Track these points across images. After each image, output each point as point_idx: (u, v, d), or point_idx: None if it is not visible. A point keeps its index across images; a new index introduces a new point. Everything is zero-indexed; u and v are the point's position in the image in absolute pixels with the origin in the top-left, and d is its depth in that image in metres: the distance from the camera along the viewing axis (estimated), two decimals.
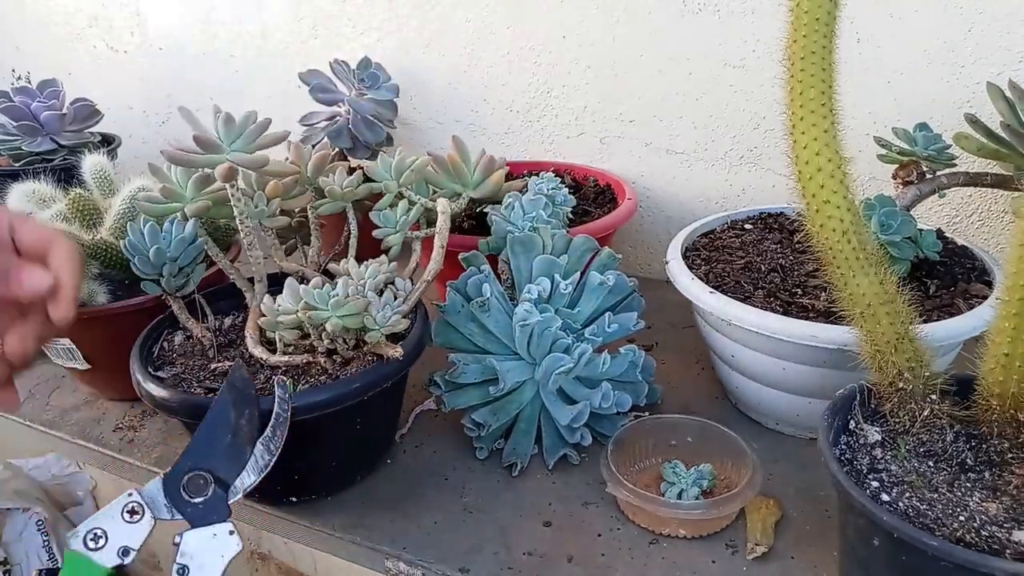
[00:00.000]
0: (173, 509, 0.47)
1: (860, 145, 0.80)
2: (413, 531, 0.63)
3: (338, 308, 0.58)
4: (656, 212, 1.04)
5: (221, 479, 0.48)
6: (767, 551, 0.58)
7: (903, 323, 0.49)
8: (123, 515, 0.46)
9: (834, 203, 0.48)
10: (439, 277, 0.69)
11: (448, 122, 1.14)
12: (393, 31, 1.11)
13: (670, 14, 0.92)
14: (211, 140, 0.60)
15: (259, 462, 0.50)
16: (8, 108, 0.98)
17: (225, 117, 0.61)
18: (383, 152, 0.86)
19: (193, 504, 0.47)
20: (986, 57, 0.79)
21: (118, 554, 0.45)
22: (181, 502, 0.47)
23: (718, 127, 0.95)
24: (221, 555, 0.47)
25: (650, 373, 0.73)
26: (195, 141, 0.59)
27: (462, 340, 0.70)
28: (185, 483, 0.47)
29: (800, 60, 0.47)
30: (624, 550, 0.60)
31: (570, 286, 0.67)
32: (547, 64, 1.02)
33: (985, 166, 0.76)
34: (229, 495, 0.49)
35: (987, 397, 0.47)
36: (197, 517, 0.47)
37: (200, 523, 0.47)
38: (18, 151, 0.98)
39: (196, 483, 0.48)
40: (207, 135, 0.60)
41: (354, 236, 0.73)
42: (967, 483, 0.47)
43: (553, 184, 0.82)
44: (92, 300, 0.72)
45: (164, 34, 1.32)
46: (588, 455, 0.70)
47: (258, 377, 0.63)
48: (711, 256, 0.76)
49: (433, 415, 0.77)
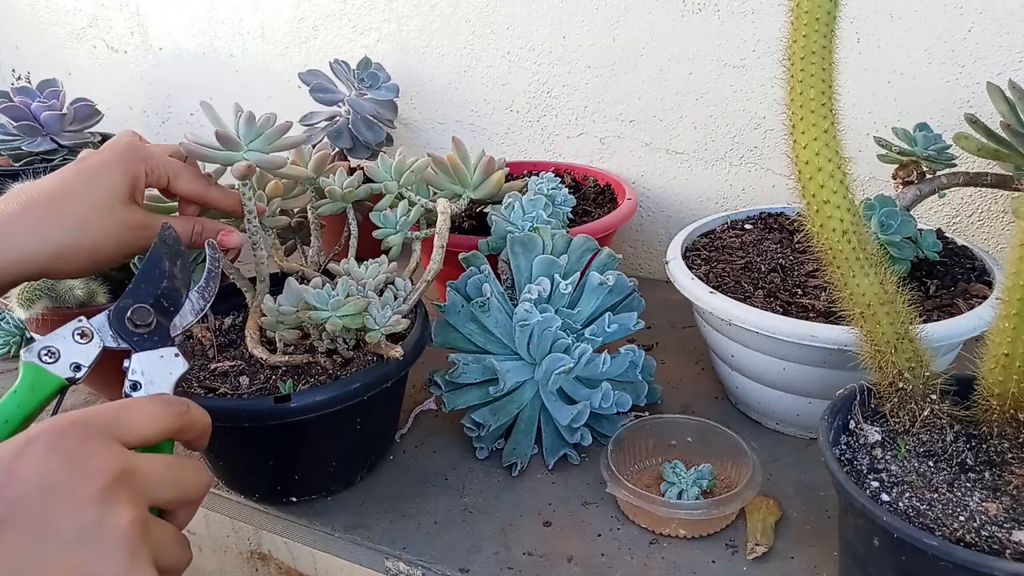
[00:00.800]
0: (119, 338, 0.50)
1: (860, 145, 0.80)
2: (413, 531, 0.63)
3: (338, 308, 0.58)
4: (656, 212, 1.04)
5: (161, 315, 0.52)
6: (767, 551, 0.58)
7: (903, 323, 0.49)
8: (74, 336, 0.49)
9: (834, 203, 0.48)
10: (439, 277, 0.69)
11: (448, 122, 1.14)
12: (393, 31, 1.11)
13: (670, 14, 0.92)
14: (231, 137, 0.60)
15: (195, 306, 0.53)
16: (8, 108, 0.98)
17: (247, 116, 0.61)
18: (383, 152, 0.86)
19: (138, 333, 0.50)
20: (986, 57, 0.79)
21: (70, 368, 0.48)
22: (126, 332, 0.50)
23: (718, 127, 0.95)
24: (170, 372, 0.50)
25: (650, 373, 0.73)
26: (216, 137, 0.59)
27: (462, 340, 0.70)
28: (129, 315, 0.50)
29: (800, 60, 0.47)
30: (624, 550, 0.60)
31: (570, 286, 0.67)
32: (547, 64, 1.02)
33: (985, 166, 0.76)
34: (170, 330, 0.52)
35: (987, 397, 0.47)
36: (142, 343, 0.50)
37: (146, 348, 0.50)
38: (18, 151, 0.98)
39: (139, 313, 0.51)
40: (228, 131, 0.60)
41: (354, 236, 0.73)
42: (967, 483, 0.47)
43: (553, 184, 0.82)
44: (92, 300, 0.72)
45: (164, 34, 1.32)
46: (588, 455, 0.70)
47: (258, 377, 0.63)
48: (711, 256, 0.76)
49: (433, 415, 0.77)
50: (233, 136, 0.60)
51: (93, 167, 0.57)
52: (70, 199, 0.56)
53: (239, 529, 0.81)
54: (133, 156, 0.59)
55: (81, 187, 0.56)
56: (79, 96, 1.04)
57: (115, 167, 0.58)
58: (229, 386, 0.62)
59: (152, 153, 0.60)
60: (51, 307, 0.69)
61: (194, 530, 0.86)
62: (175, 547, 0.39)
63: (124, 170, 0.58)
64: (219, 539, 0.84)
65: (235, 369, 0.64)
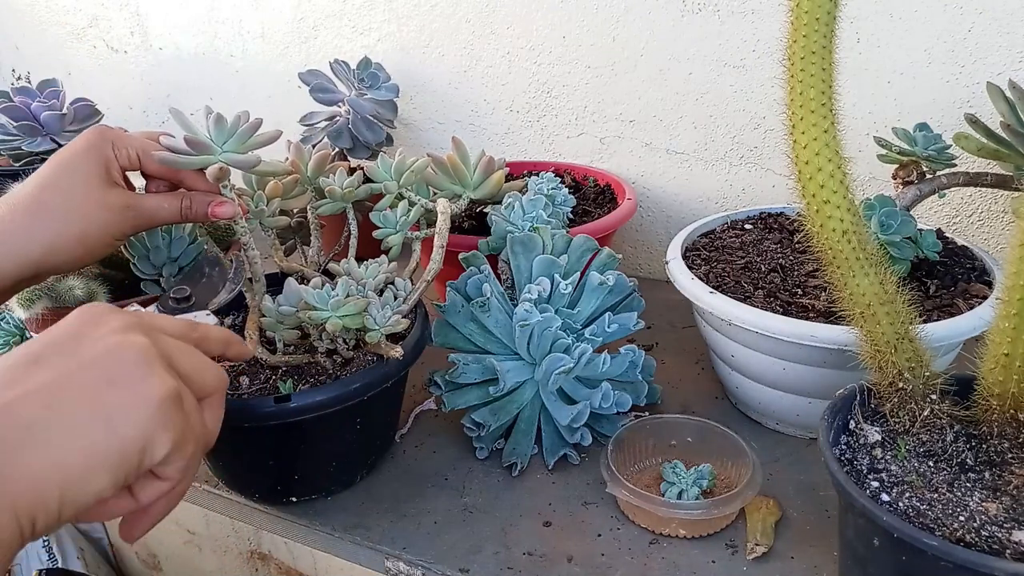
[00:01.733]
0: None
1: (860, 145, 0.80)
2: (413, 531, 0.63)
3: (338, 308, 0.58)
4: (656, 212, 1.04)
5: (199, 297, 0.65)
6: (767, 551, 0.58)
7: (903, 323, 0.49)
8: None
9: (834, 203, 0.48)
10: (439, 277, 0.69)
11: (448, 122, 1.14)
12: (393, 31, 1.11)
13: (670, 14, 0.92)
14: (201, 141, 0.60)
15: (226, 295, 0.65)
16: (8, 108, 0.98)
17: (216, 117, 0.60)
18: (383, 152, 0.86)
19: (180, 309, 0.63)
20: (986, 57, 0.79)
21: None
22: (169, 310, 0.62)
23: (718, 127, 0.95)
24: None
25: (650, 373, 0.73)
26: (186, 142, 0.59)
27: (462, 340, 0.70)
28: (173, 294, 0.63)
29: (800, 60, 0.47)
30: (624, 550, 0.60)
31: (570, 286, 0.67)
32: (547, 64, 1.02)
33: (985, 166, 0.76)
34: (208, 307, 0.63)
35: (987, 397, 0.47)
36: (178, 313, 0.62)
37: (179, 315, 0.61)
38: (18, 151, 0.98)
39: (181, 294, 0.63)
40: (197, 136, 0.60)
41: (354, 236, 0.73)
42: (967, 483, 0.47)
43: (553, 184, 0.82)
44: (93, 300, 0.72)
45: (164, 34, 1.32)
46: (588, 455, 0.70)
47: (258, 377, 0.63)
48: (711, 256, 0.76)
49: (433, 415, 0.77)
50: (204, 140, 0.60)
51: (67, 158, 0.59)
52: (51, 191, 0.57)
53: (239, 529, 0.81)
54: (101, 140, 0.60)
55: (59, 178, 0.58)
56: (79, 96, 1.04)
57: (86, 153, 0.59)
58: (229, 386, 0.62)
59: (119, 135, 0.61)
60: (51, 307, 0.69)
61: (194, 530, 0.86)
62: (204, 372, 0.44)
63: (95, 155, 0.59)
64: (219, 539, 0.84)
65: (235, 369, 0.64)
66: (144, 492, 0.41)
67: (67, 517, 0.36)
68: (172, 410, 0.39)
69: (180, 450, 0.40)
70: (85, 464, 0.36)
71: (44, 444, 0.35)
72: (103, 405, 0.37)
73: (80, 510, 0.36)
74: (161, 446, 0.38)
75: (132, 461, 0.37)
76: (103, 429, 0.37)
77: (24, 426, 0.35)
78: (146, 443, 0.38)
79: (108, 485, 0.37)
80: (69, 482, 0.35)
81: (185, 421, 0.40)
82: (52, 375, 0.37)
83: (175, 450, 0.39)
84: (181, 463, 0.41)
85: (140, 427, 0.37)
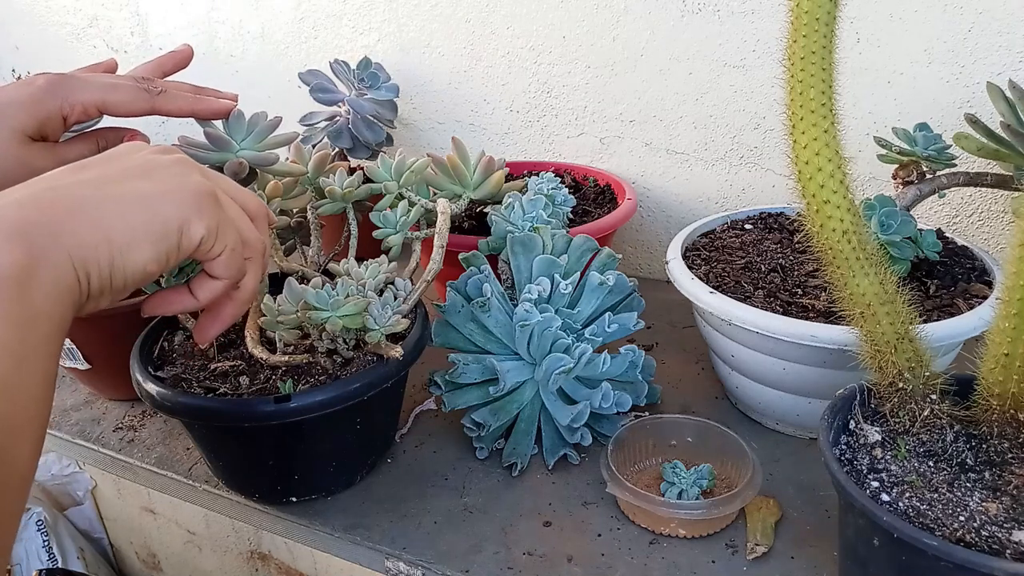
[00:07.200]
0: None
1: (860, 145, 0.80)
2: (413, 531, 0.63)
3: (338, 308, 0.58)
4: (656, 212, 1.04)
5: None
6: (767, 551, 0.58)
7: (903, 323, 0.49)
8: None
9: (834, 203, 0.48)
10: (439, 277, 0.69)
11: (448, 122, 1.14)
12: (393, 31, 1.11)
13: (670, 14, 0.92)
14: (223, 137, 0.61)
15: None
16: None
17: (236, 114, 0.61)
18: (383, 152, 0.86)
19: None
20: (986, 57, 0.79)
21: None
22: None
23: (718, 127, 0.95)
24: None
25: (650, 373, 0.73)
26: (207, 137, 0.60)
27: (462, 340, 0.70)
28: None
29: (800, 60, 0.47)
30: (624, 550, 0.60)
31: (570, 286, 0.67)
32: (547, 64, 1.02)
33: (985, 166, 0.76)
34: None
35: (987, 397, 0.47)
36: None
37: None
38: None
39: None
40: (219, 132, 0.61)
41: (354, 236, 0.73)
42: (967, 483, 0.47)
43: (553, 184, 0.82)
44: None
45: (164, 34, 1.32)
46: (588, 455, 0.70)
47: (258, 377, 0.63)
48: (711, 256, 0.76)
49: (433, 415, 0.77)
50: (224, 136, 0.61)
51: (3, 105, 0.56)
52: None
53: (239, 529, 0.81)
54: (47, 94, 0.57)
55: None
56: None
57: (21, 105, 0.56)
58: (229, 386, 0.62)
59: (75, 87, 0.58)
60: None
61: (194, 530, 0.86)
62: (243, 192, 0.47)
63: (32, 109, 0.56)
64: (219, 539, 0.84)
65: (235, 369, 0.64)
66: (201, 291, 0.45)
67: (118, 284, 0.39)
68: (207, 202, 0.42)
69: (219, 239, 0.43)
70: (130, 235, 0.39)
71: (93, 218, 0.38)
72: (145, 191, 0.40)
73: (128, 279, 0.39)
74: (197, 229, 0.41)
75: (172, 239, 0.40)
76: (144, 209, 0.40)
77: (76, 203, 0.38)
78: (182, 223, 0.41)
79: (151, 258, 0.40)
80: (115, 248, 0.38)
81: (223, 214, 0.43)
82: (99, 172, 0.41)
83: (211, 236, 0.42)
84: (224, 258, 0.44)
85: (177, 209, 0.41)
